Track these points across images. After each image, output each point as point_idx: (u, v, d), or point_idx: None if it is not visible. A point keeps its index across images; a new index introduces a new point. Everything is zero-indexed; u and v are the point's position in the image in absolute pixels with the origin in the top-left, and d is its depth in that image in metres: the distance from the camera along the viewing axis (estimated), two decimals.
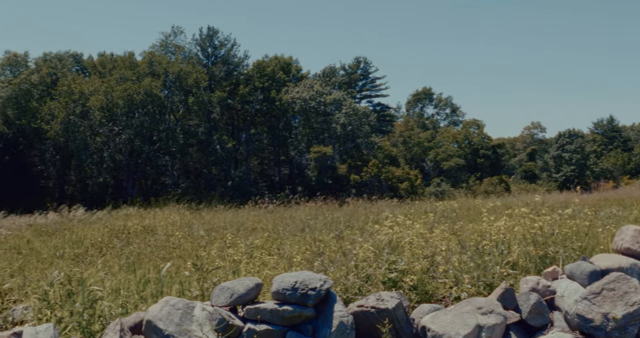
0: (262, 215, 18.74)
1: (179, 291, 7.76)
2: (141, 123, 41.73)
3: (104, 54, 52.80)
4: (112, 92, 41.29)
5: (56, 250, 13.43)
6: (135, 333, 6.03)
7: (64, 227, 19.91)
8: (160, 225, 16.10)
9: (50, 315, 7.40)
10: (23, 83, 46.53)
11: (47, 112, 45.00)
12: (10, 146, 43.81)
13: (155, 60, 44.17)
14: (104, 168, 42.45)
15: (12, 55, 50.98)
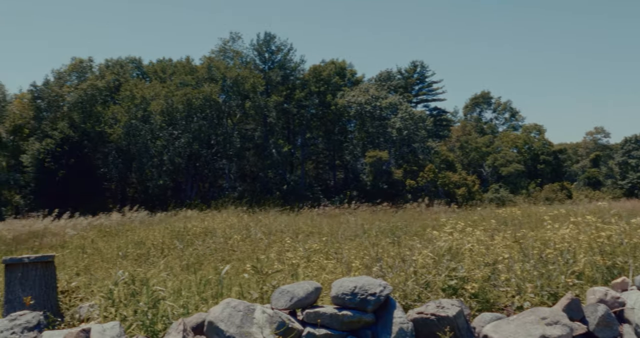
0: (318, 219, 18.79)
1: (238, 293, 7.84)
2: (199, 127, 42.60)
3: (163, 59, 54.17)
4: (172, 96, 42.34)
5: (119, 251, 13.82)
6: (197, 334, 6.14)
7: (126, 228, 20.47)
8: (218, 227, 16.35)
9: (115, 313, 7.61)
10: (88, 88, 48.22)
11: (110, 116, 46.54)
12: (76, 149, 45.41)
13: (214, 65, 45.03)
14: (164, 171, 43.51)
15: (77, 62, 52.93)
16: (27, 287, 7.38)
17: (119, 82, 50.23)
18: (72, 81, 51.96)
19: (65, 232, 19.83)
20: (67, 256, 14.16)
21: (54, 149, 44.68)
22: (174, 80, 44.93)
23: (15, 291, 7.37)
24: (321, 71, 49.41)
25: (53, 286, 7.87)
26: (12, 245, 17.70)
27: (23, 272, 7.37)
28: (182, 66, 47.44)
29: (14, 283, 7.37)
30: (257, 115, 47.58)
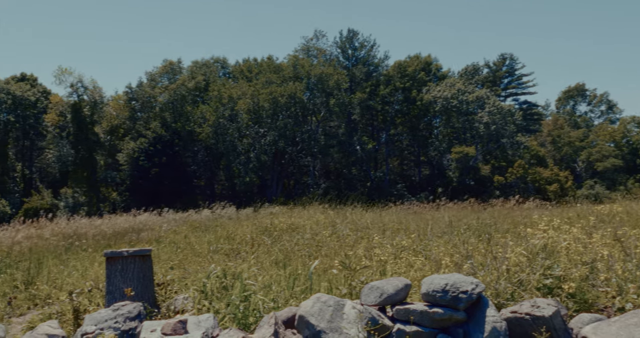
0: (404, 216, 18.58)
1: (327, 288, 7.89)
2: (285, 125, 43.24)
3: (249, 59, 55.34)
4: (258, 95, 43.20)
5: (210, 245, 14.22)
6: (288, 327, 6.21)
7: (216, 223, 21.04)
8: (305, 223, 16.50)
9: (208, 305, 7.84)
10: (179, 89, 50.06)
11: (199, 115, 48.10)
12: (167, 148, 47.23)
13: (299, 63, 45.55)
14: (250, 168, 44.48)
15: (168, 64, 55.06)
16: (127, 279, 7.69)
17: (206, 82, 51.84)
18: (163, 82, 54.13)
19: (160, 227, 20.63)
20: (162, 250, 14.72)
21: (147, 148, 46.70)
22: (260, 79, 45.84)
23: (116, 282, 7.70)
24: (406, 67, 48.87)
25: (150, 278, 8.18)
26: (112, 239, 18.57)
27: (123, 265, 7.69)
28: (267, 65, 48.30)
29: (115, 275, 7.71)
30: (341, 112, 47.72)
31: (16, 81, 55.23)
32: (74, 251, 16.22)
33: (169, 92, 50.27)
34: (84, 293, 9.00)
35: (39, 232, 18.83)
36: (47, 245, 16.98)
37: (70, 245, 17.15)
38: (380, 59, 51.49)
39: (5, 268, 13.40)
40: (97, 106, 50.66)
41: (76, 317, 7.85)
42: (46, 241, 17.49)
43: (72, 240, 17.86)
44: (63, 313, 8.36)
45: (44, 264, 13.69)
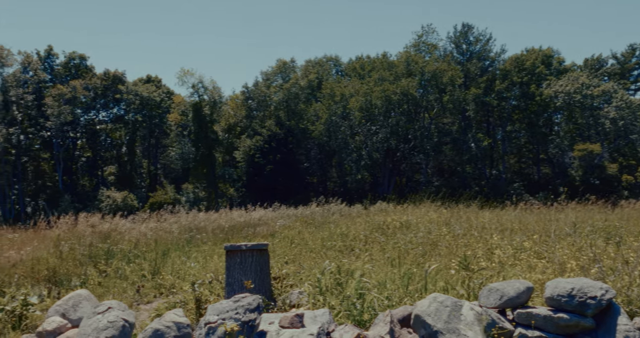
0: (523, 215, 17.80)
1: (443, 288, 7.71)
2: (397, 122, 42.90)
3: (361, 56, 55.41)
4: (370, 93, 43.18)
5: (323, 242, 14.37)
6: (404, 326, 6.12)
7: (328, 220, 21.24)
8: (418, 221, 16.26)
9: (322, 301, 7.90)
10: (292, 87, 51.15)
11: (312, 113, 48.87)
12: (281, 145, 48.39)
13: (412, 59, 45.00)
14: (362, 165, 44.57)
15: (281, 63, 56.39)
16: (245, 271, 7.89)
17: (319, 80, 52.56)
18: (278, 82, 55.53)
19: (275, 223, 21.13)
20: (277, 245, 15.07)
21: (262, 145, 48.10)
22: (372, 77, 45.79)
23: (235, 275, 7.93)
24: (524, 60, 46.81)
25: (267, 272, 8.36)
26: (229, 233, 19.26)
27: (241, 258, 7.90)
28: (380, 62, 48.12)
29: (234, 267, 7.94)
30: (455, 108, 46.59)
31: (143, 83, 58.83)
32: (195, 244, 16.99)
33: (283, 91, 51.50)
34: (205, 284, 9.37)
35: (163, 225, 19.88)
36: (170, 237, 17.88)
37: (191, 237, 17.97)
38: (497, 53, 49.70)
39: (134, 258, 14.28)
40: (216, 105, 52.87)
41: (198, 306, 8.17)
42: (169, 233, 18.42)
43: (192, 233, 18.70)
44: (186, 302, 8.75)
45: (168, 255, 14.44)
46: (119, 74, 56.33)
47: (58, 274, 12.46)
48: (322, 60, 57.14)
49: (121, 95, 55.17)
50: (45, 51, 56.12)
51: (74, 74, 56.13)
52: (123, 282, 11.99)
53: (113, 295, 10.70)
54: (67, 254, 14.18)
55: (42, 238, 17.04)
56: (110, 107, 56.85)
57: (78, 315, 6.12)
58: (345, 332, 5.59)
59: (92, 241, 15.96)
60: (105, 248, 15.19)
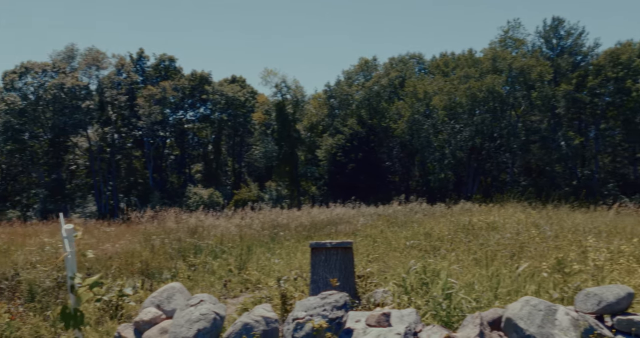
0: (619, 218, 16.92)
1: (534, 292, 7.43)
2: (482, 120, 41.89)
3: (446, 53, 54.47)
4: (454, 91, 42.38)
5: (406, 241, 14.20)
6: (494, 329, 5.94)
7: (411, 219, 20.99)
8: (504, 222, 15.78)
9: (407, 300, 7.80)
10: (374, 85, 51.01)
11: (394, 111, 48.54)
12: (363, 144, 48.35)
13: (498, 56, 43.76)
14: (445, 164, 43.83)
15: (363, 62, 56.32)
16: (329, 269, 7.91)
17: (402, 78, 52.12)
18: (359, 80, 55.51)
19: (357, 221, 21.11)
20: (359, 243, 15.03)
21: (344, 144, 48.24)
22: (457, 74, 44.91)
23: (319, 272, 7.97)
24: (619, 54, 44.42)
25: (351, 270, 8.34)
26: (311, 230, 19.41)
27: (326, 256, 7.92)
28: (465, 59, 47.10)
29: (318, 265, 7.97)
30: (544, 105, 44.90)
31: (228, 83, 60.37)
32: (278, 241, 17.23)
33: (364, 90, 51.45)
34: (290, 281, 9.47)
35: (247, 222, 20.29)
36: (254, 233, 18.22)
37: (274, 234, 18.25)
38: (590, 48, 47.45)
39: (220, 253, 14.66)
40: (299, 104, 53.51)
41: (283, 302, 8.26)
42: (253, 230, 18.78)
43: (275, 230, 18.98)
44: (271, 298, 8.87)
45: (252, 251, 14.72)
46: (206, 74, 58.05)
47: (150, 267, 12.97)
48: (404, 58, 56.63)
49: (207, 95, 56.83)
50: (137, 54, 58.70)
51: (163, 75, 58.37)
52: (211, 276, 12.32)
53: (201, 288, 11.01)
54: (158, 248, 14.76)
55: (134, 233, 17.84)
56: (197, 106, 58.72)
57: (172, 307, 6.34)
58: (433, 333, 5.49)
59: (180, 236, 16.53)
60: (193, 243, 15.69)
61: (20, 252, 14.45)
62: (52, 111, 51.17)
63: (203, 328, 5.79)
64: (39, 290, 10.65)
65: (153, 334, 6.03)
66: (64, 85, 50.51)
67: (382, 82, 51.24)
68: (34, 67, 52.50)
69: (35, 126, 52.62)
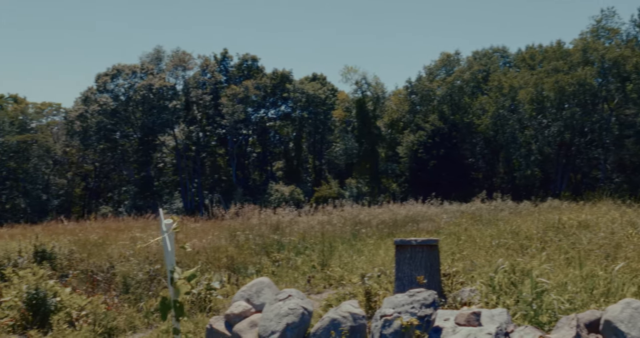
0: None
1: (635, 294, 7.04)
2: (572, 114, 40.20)
3: (532, 46, 52.59)
4: (541, 84, 40.89)
5: (492, 240, 13.82)
6: (591, 332, 5.68)
7: (496, 217, 20.43)
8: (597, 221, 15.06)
9: (495, 300, 7.60)
10: (456, 80, 50.03)
11: (478, 107, 47.39)
12: (445, 140, 47.54)
13: (590, 47, 41.80)
14: (532, 161, 42.40)
15: (445, 56, 55.33)
16: (414, 267, 7.83)
17: (486, 72, 50.83)
18: (441, 75, 54.61)
19: (440, 219, 20.78)
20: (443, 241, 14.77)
21: (425, 141, 47.61)
22: (544, 67, 43.27)
23: (404, 269, 7.90)
24: None
25: (437, 268, 8.23)
26: (393, 228, 19.28)
27: (411, 253, 7.85)
28: (553, 51, 45.25)
29: (403, 262, 7.91)
30: None
31: (309, 81, 60.94)
32: (360, 237, 17.22)
33: (446, 85, 50.58)
34: (373, 278, 9.45)
35: (328, 218, 20.40)
36: (335, 230, 18.29)
37: (356, 231, 18.25)
38: None
39: (303, 249, 14.83)
40: (379, 101, 53.30)
41: (368, 299, 8.24)
42: (335, 227, 18.86)
43: (357, 227, 18.98)
44: (355, 294, 8.87)
45: (335, 248, 14.78)
46: (287, 73, 58.81)
47: (236, 262, 13.31)
48: (488, 52, 55.16)
49: (288, 94, 57.59)
50: (221, 54, 60.28)
51: (246, 74, 59.61)
52: (294, 272, 12.48)
53: (285, 284, 11.18)
54: (243, 244, 15.12)
55: (219, 228, 18.34)
56: (278, 105, 59.63)
57: (260, 301, 6.46)
58: (525, 334, 5.31)
59: (264, 232, 16.85)
60: (276, 239, 15.96)
61: (114, 246, 15.21)
62: (142, 111, 53.46)
63: (292, 323, 5.87)
64: (132, 282, 11.16)
65: (243, 327, 6.17)
66: (152, 86, 52.63)
67: (465, 76, 50.15)
68: (124, 69, 55.01)
69: (126, 126, 55.15)
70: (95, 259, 13.60)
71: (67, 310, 9.32)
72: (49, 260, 12.68)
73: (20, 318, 9.02)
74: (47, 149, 56.70)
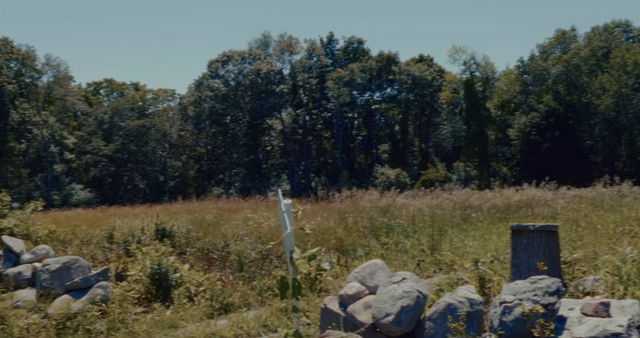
0: None
1: None
2: None
3: None
4: None
5: (615, 226, 13.02)
6: None
7: (620, 203, 19.25)
8: None
9: (623, 291, 7.14)
10: (572, 58, 47.36)
11: (597, 86, 44.72)
12: (560, 121, 45.34)
13: None
14: None
15: (560, 33, 52.48)
16: (531, 253, 7.53)
17: (607, 49, 47.72)
18: (556, 53, 51.92)
19: (556, 204, 19.84)
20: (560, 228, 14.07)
21: (539, 122, 45.64)
22: None
23: (520, 256, 7.61)
24: None
25: (556, 255, 7.86)
26: (505, 212, 18.62)
27: (528, 239, 7.56)
28: None
29: (520, 248, 7.62)
30: None
31: (415, 62, 60.01)
32: (471, 222, 16.78)
33: (562, 63, 48.05)
34: (486, 263, 9.17)
35: (436, 202, 20.05)
36: (444, 214, 17.95)
37: (466, 216, 17.81)
38: None
39: (412, 233, 14.65)
40: (489, 82, 51.63)
41: (482, 285, 8.02)
42: (443, 211, 18.51)
43: (467, 211, 18.52)
44: (467, 280, 8.64)
45: (444, 232, 14.49)
46: (392, 55, 58.24)
47: (344, 244, 13.39)
48: (609, 27, 51.65)
49: (394, 76, 57.07)
50: (327, 37, 60.59)
51: (351, 57, 59.62)
52: (403, 256, 12.37)
53: (395, 267, 11.09)
54: (352, 226, 15.17)
55: (328, 210, 18.51)
56: (384, 87, 59.27)
57: (374, 283, 6.44)
58: None
59: (372, 215, 16.83)
60: (384, 222, 15.88)
61: (227, 225, 15.78)
62: (250, 96, 55.00)
63: (407, 306, 5.79)
64: (246, 261, 11.52)
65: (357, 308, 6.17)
66: (260, 71, 53.93)
67: (582, 54, 47.35)
68: (234, 55, 56.74)
69: (236, 110, 56.97)
70: (210, 238, 14.16)
71: (186, 286, 9.79)
72: (169, 237, 13.35)
73: (144, 291, 9.57)
74: (163, 133, 59.85)
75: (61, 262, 9.44)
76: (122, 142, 57.30)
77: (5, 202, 13.55)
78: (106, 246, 13.48)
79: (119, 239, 13.67)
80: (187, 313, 8.90)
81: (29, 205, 14.46)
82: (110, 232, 14.50)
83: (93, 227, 16.79)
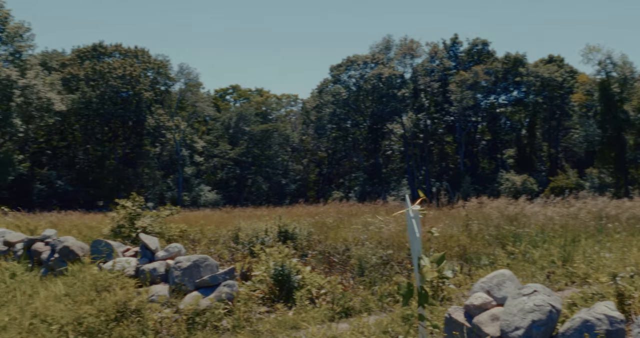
0: None
1: None
2: None
3: None
4: None
5: None
6: None
7: None
8: None
9: None
10: None
11: None
12: None
13: None
14: None
15: None
16: None
17: None
18: None
19: None
20: None
21: None
22: None
23: None
24: None
25: None
26: None
27: None
28: None
29: None
30: None
31: (544, 64, 57.25)
32: (607, 233, 15.66)
33: None
34: (625, 278, 8.50)
35: (568, 210, 18.90)
36: (577, 224, 16.88)
37: (601, 226, 16.64)
38: None
39: (541, 243, 13.89)
40: (627, 82, 48.04)
41: (620, 301, 7.43)
42: (576, 220, 17.41)
43: (603, 221, 17.29)
44: (603, 295, 8.05)
45: (577, 243, 13.63)
46: (520, 56, 56.01)
47: (468, 252, 12.96)
48: None
49: (521, 78, 54.84)
50: (450, 40, 59.40)
51: (476, 59, 58.03)
52: (531, 266, 11.77)
53: (522, 278, 10.58)
54: (476, 234, 14.66)
55: (450, 217, 18.03)
56: (510, 90, 57.14)
57: (502, 294, 6.14)
58: None
59: (499, 223, 16.16)
60: (511, 230, 15.20)
61: (347, 229, 15.83)
62: (371, 100, 55.09)
63: (538, 320, 5.44)
64: (367, 265, 11.46)
65: (484, 319, 5.90)
66: (381, 75, 53.89)
67: None
68: (357, 60, 57.14)
69: (357, 115, 57.31)
70: (331, 241, 14.26)
71: (308, 288, 9.90)
72: (291, 239, 13.61)
73: (268, 291, 9.80)
74: (286, 137, 61.46)
75: (192, 260, 9.86)
76: (246, 145, 59.56)
77: (140, 202, 14.41)
78: (232, 246, 13.96)
79: (244, 240, 14.10)
80: (309, 315, 8.99)
81: (166, 209, 15.24)
82: (236, 232, 15.03)
83: (220, 227, 17.51)
